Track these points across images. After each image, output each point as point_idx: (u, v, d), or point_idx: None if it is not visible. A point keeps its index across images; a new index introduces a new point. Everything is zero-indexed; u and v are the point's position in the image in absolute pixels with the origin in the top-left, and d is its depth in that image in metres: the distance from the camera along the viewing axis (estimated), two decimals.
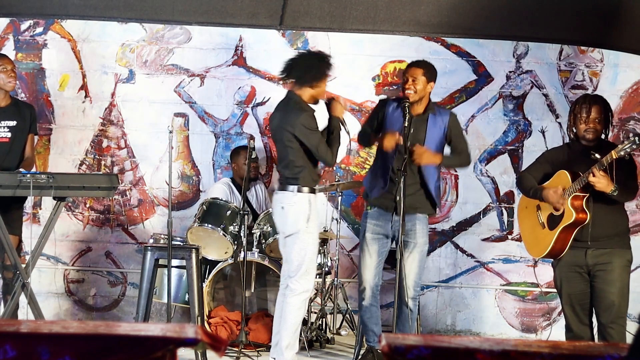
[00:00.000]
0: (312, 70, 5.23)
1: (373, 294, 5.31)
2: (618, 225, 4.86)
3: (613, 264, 4.77)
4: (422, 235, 5.26)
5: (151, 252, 5.38)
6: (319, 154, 5.16)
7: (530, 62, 6.84)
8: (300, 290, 5.17)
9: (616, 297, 4.76)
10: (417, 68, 5.26)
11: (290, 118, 5.15)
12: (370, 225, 5.31)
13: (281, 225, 5.29)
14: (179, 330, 2.64)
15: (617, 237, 4.83)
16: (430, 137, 5.25)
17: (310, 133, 5.14)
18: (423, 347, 2.56)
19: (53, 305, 6.80)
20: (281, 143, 5.23)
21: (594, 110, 4.82)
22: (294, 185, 5.18)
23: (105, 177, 5.66)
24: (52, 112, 6.80)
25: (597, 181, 4.62)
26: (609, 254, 4.79)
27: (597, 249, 4.79)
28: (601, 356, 2.56)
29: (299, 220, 5.15)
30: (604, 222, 4.78)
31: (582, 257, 4.82)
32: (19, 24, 6.76)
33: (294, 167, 5.19)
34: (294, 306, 5.17)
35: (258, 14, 6.37)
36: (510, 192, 6.87)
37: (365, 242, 5.33)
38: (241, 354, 5.59)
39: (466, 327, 6.92)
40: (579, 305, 4.88)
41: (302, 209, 5.16)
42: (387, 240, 5.31)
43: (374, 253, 5.30)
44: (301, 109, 5.18)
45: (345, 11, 6.30)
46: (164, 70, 6.82)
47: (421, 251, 5.27)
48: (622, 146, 4.56)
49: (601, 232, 4.78)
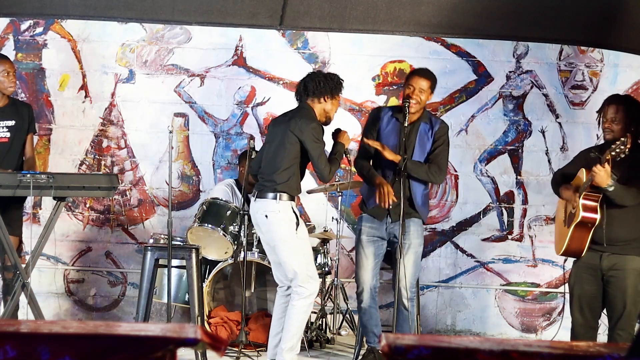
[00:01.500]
0: (327, 85, 5.26)
1: (371, 295, 5.31)
2: (638, 230, 4.78)
3: (626, 271, 4.73)
4: (417, 237, 5.25)
5: (151, 252, 5.37)
6: (319, 165, 5.15)
7: (530, 62, 6.85)
8: (307, 293, 5.16)
9: (627, 304, 4.72)
10: (426, 80, 5.21)
11: (300, 123, 5.16)
12: (365, 228, 5.31)
13: (267, 233, 5.23)
14: (179, 330, 2.63)
15: (635, 242, 4.77)
16: (420, 145, 5.26)
17: (316, 142, 5.15)
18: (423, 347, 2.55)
19: (53, 305, 6.80)
20: (280, 145, 5.20)
21: (610, 110, 4.79)
22: (276, 192, 5.15)
23: (105, 177, 5.66)
24: (52, 112, 6.80)
25: (594, 175, 4.61)
26: (624, 260, 4.74)
27: (612, 254, 4.76)
28: (601, 356, 2.55)
29: (288, 228, 5.14)
30: (622, 225, 4.75)
31: (597, 260, 4.80)
32: (19, 24, 6.77)
33: (284, 171, 5.16)
34: (300, 309, 5.16)
35: (258, 14, 6.37)
36: (510, 192, 6.88)
37: (360, 244, 5.32)
38: (241, 354, 5.59)
39: (466, 327, 6.92)
40: (588, 308, 4.85)
41: (288, 216, 5.14)
42: (382, 242, 5.30)
43: (370, 255, 5.29)
44: (313, 118, 5.22)
45: (345, 11, 6.30)
46: (164, 70, 6.82)
47: (416, 252, 5.26)
48: (614, 146, 4.56)
49: (618, 235, 4.74)
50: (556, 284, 6.84)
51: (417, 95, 5.16)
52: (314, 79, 5.31)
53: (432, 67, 6.72)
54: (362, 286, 5.30)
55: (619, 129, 4.75)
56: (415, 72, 5.38)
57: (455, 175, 6.87)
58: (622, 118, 4.76)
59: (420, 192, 5.26)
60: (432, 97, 5.32)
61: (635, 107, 4.84)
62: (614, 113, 4.78)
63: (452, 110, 6.81)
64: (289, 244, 5.14)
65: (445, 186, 6.84)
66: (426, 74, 5.29)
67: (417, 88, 5.17)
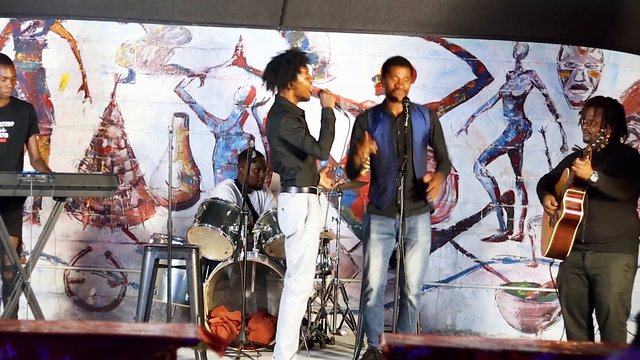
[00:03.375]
0: (281, 71, 5.16)
1: (378, 294, 5.32)
2: (620, 227, 4.74)
3: (609, 268, 4.70)
4: (425, 234, 5.27)
5: (151, 252, 5.37)
6: (307, 150, 5.13)
7: (530, 62, 6.84)
8: (299, 290, 5.17)
9: (612, 303, 4.69)
10: (406, 67, 5.27)
11: (274, 122, 5.18)
12: (375, 226, 5.31)
13: (282, 226, 5.31)
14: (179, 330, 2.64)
15: (618, 239, 4.72)
16: (417, 134, 5.28)
17: (292, 134, 5.11)
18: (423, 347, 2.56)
19: (53, 305, 6.79)
20: (272, 148, 5.28)
21: (588, 112, 4.79)
22: (292, 186, 5.19)
23: (105, 177, 5.66)
24: (52, 112, 6.80)
25: (577, 168, 4.61)
26: (606, 258, 4.71)
27: (595, 252, 4.73)
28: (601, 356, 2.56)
29: (297, 221, 5.15)
30: (604, 222, 4.71)
31: (580, 260, 4.78)
32: (19, 24, 6.76)
33: (289, 169, 5.20)
34: (292, 306, 5.17)
35: (258, 14, 6.37)
36: (510, 192, 6.88)
37: (370, 243, 5.31)
38: (241, 354, 5.59)
39: (466, 327, 6.92)
40: (577, 308, 4.84)
41: (301, 209, 5.16)
42: (392, 240, 5.30)
43: (379, 254, 5.30)
44: (283, 111, 5.16)
45: (345, 11, 6.30)
46: (164, 70, 6.82)
47: (424, 249, 5.27)
48: (594, 138, 4.60)
49: (599, 233, 4.71)
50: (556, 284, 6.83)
51: (403, 84, 5.22)
52: (267, 72, 5.23)
53: (432, 67, 6.79)
54: (370, 286, 5.30)
55: (595, 131, 4.72)
56: (392, 61, 5.34)
57: (455, 175, 6.87)
58: (599, 120, 4.74)
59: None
60: (427, 89, 5.39)
61: (615, 110, 4.81)
62: (592, 115, 4.77)
63: (452, 110, 6.81)
64: (295, 237, 5.16)
65: (445, 186, 6.84)
66: (404, 61, 5.33)
67: (401, 78, 5.22)
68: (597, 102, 4.87)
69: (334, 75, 6.75)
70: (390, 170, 5.25)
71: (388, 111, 5.32)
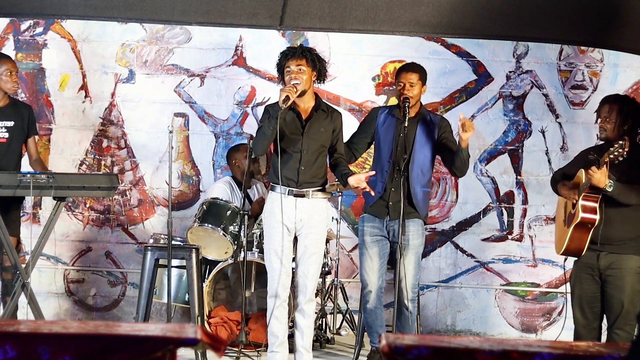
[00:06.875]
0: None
1: (377, 296, 5.32)
2: (636, 229, 4.79)
3: (623, 270, 4.74)
4: (417, 237, 5.26)
5: (151, 252, 5.38)
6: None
7: (530, 62, 6.84)
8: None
9: (625, 303, 4.72)
10: (413, 73, 5.30)
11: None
12: (368, 228, 5.33)
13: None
14: (179, 330, 2.64)
15: (632, 241, 4.77)
16: (420, 141, 5.28)
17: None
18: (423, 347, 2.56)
19: (53, 305, 6.79)
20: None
21: (603, 109, 4.83)
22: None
23: (105, 177, 5.66)
24: (52, 112, 6.80)
25: (591, 176, 4.63)
26: (620, 259, 4.75)
27: (609, 253, 4.77)
28: (601, 356, 2.56)
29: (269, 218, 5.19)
30: (619, 224, 4.75)
31: (594, 260, 4.81)
32: (19, 24, 6.76)
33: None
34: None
35: (258, 14, 6.37)
36: (510, 192, 6.88)
37: (364, 245, 5.33)
38: (241, 354, 5.59)
39: (466, 327, 6.92)
40: (589, 308, 4.86)
41: (270, 205, 5.19)
42: (386, 241, 5.31)
43: (374, 255, 5.30)
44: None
45: (345, 11, 6.30)
46: (164, 70, 6.82)
47: (416, 253, 5.27)
48: (612, 149, 4.57)
49: (614, 235, 4.76)
50: (556, 284, 6.84)
51: (409, 90, 5.24)
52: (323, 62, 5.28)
53: (432, 67, 6.77)
54: (368, 288, 5.30)
55: (611, 128, 4.79)
56: (402, 68, 5.43)
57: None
58: (614, 117, 4.78)
59: (420, 190, 5.27)
60: (426, 89, 5.36)
61: (630, 107, 4.84)
62: (607, 112, 4.81)
63: (452, 110, 6.81)
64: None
65: (445, 186, 6.84)
66: (413, 67, 5.37)
67: (406, 83, 5.26)
68: (612, 99, 4.90)
69: (334, 75, 6.75)
70: (383, 170, 5.26)
71: (397, 114, 5.34)
